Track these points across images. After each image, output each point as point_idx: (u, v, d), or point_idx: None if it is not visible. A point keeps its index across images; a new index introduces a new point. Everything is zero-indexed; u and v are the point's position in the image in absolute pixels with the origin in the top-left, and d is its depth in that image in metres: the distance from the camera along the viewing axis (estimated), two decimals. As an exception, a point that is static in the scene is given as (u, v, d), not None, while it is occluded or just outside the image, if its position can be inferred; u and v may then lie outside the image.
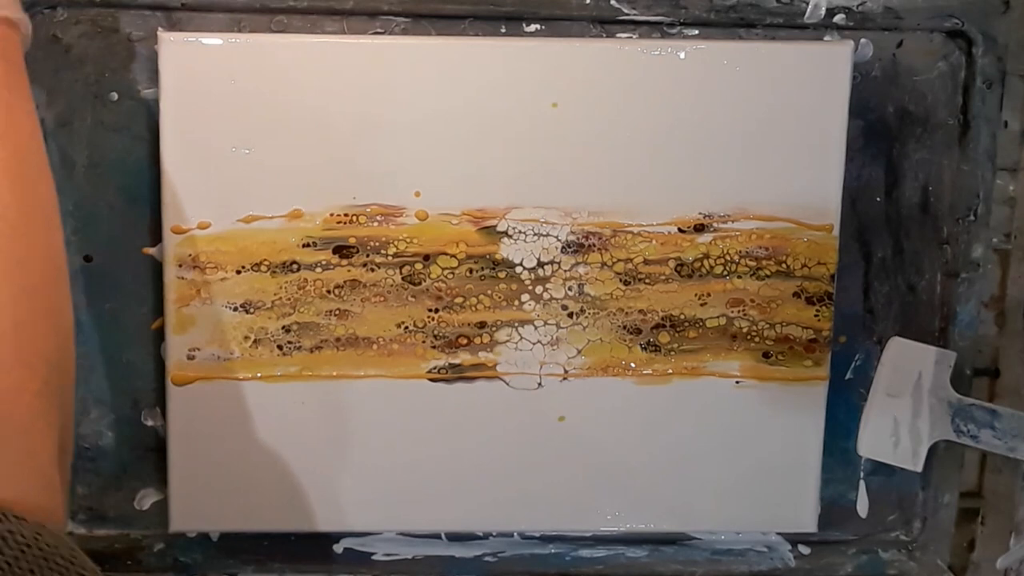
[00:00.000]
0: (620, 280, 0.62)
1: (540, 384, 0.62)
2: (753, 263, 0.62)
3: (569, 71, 0.60)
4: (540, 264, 0.61)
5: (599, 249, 0.61)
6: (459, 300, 0.61)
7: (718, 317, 0.62)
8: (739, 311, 0.62)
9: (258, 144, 0.59)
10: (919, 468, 0.61)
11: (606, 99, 0.60)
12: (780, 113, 0.60)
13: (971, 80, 0.64)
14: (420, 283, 0.61)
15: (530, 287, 0.61)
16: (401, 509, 0.63)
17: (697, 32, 0.62)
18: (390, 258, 0.61)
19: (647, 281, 0.62)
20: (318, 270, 0.60)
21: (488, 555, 0.67)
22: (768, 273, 0.62)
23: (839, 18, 0.62)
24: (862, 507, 0.67)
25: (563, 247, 0.61)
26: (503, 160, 0.60)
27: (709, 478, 0.64)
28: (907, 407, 0.61)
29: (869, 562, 0.68)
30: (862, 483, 0.67)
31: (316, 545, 0.66)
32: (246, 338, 0.61)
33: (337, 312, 0.61)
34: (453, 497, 0.63)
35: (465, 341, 0.62)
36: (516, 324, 0.62)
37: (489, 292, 0.61)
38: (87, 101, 0.61)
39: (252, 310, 0.61)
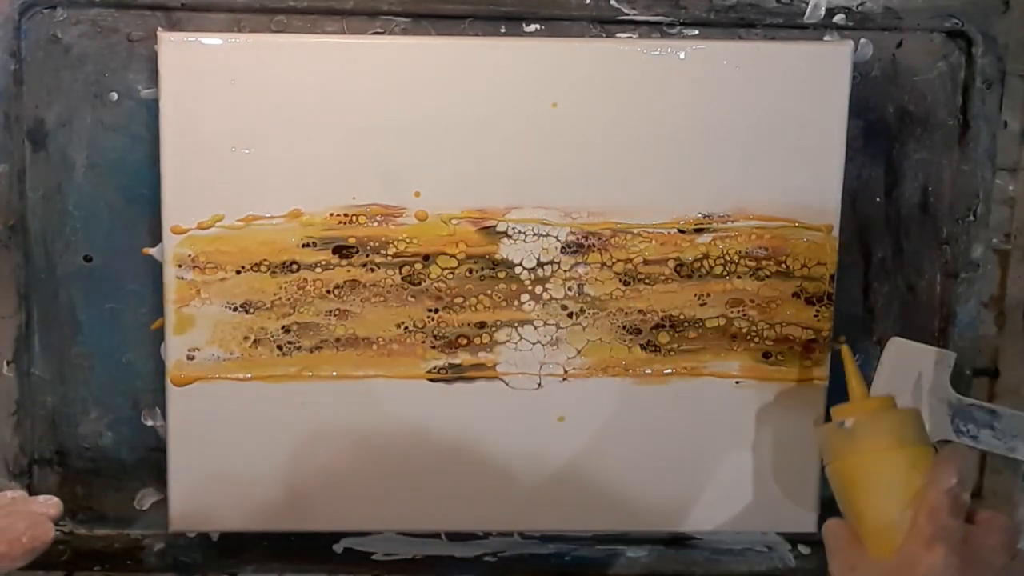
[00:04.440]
0: (620, 280, 0.62)
1: (540, 384, 0.62)
2: (753, 263, 0.62)
3: (569, 71, 0.60)
4: (540, 264, 0.61)
5: (599, 249, 0.61)
6: (459, 300, 0.61)
7: (718, 317, 0.62)
8: (739, 311, 0.62)
9: (258, 144, 0.59)
10: (919, 468, 0.61)
11: (606, 99, 0.60)
12: (780, 113, 0.60)
13: (971, 80, 0.64)
14: (420, 283, 0.61)
15: (530, 287, 0.61)
16: (401, 509, 0.63)
17: (697, 32, 0.62)
18: (390, 258, 0.61)
19: (647, 281, 0.62)
20: (318, 270, 0.60)
21: (488, 555, 0.67)
22: (768, 273, 0.62)
23: (839, 18, 0.62)
24: (862, 507, 0.67)
25: (563, 247, 0.61)
26: (503, 160, 0.60)
27: (709, 478, 0.64)
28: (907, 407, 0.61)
29: (869, 562, 0.68)
30: (862, 483, 0.67)
31: (316, 545, 0.66)
32: (246, 338, 0.61)
33: (337, 312, 0.61)
34: (453, 497, 0.63)
35: (465, 341, 0.62)
36: (516, 324, 0.62)
37: (489, 292, 0.61)
38: (87, 101, 0.61)
39: (252, 310, 0.61)
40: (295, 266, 0.60)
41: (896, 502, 0.53)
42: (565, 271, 0.61)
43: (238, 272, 0.60)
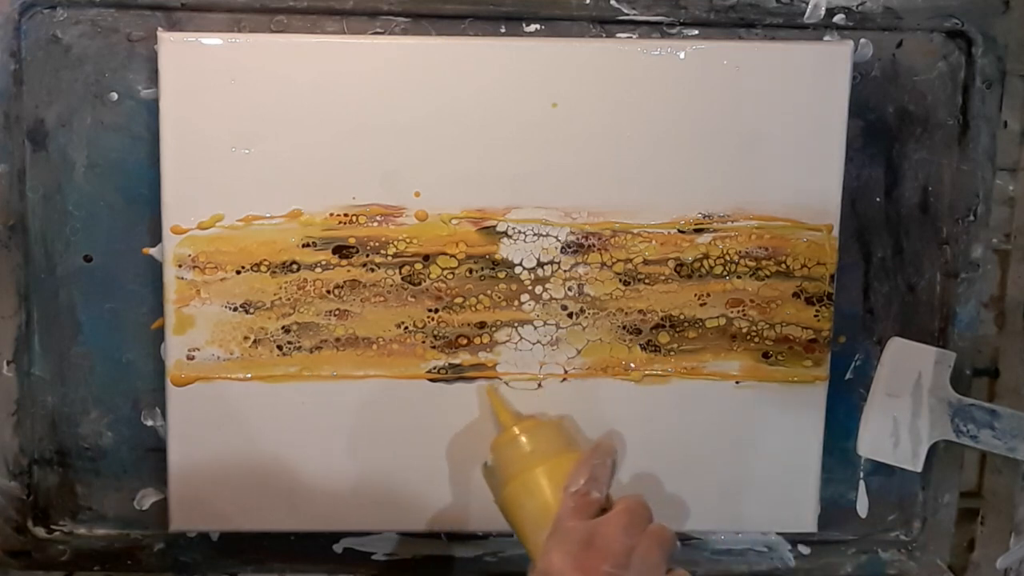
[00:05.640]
0: (620, 280, 0.62)
1: (540, 384, 0.62)
2: (753, 263, 0.62)
3: (569, 71, 0.60)
4: (540, 264, 0.61)
5: (599, 249, 0.61)
6: (459, 300, 0.61)
7: (718, 317, 0.62)
8: (739, 311, 0.62)
9: (258, 144, 0.59)
10: (919, 468, 0.61)
11: (606, 99, 0.60)
12: (780, 113, 0.60)
13: (971, 80, 0.64)
14: (420, 283, 0.61)
15: (530, 287, 0.61)
16: (401, 509, 0.63)
17: (697, 32, 0.62)
18: (390, 258, 0.61)
19: (647, 281, 0.62)
20: (318, 270, 0.60)
21: (488, 555, 0.67)
22: (768, 273, 0.62)
23: (839, 18, 0.62)
24: (862, 507, 0.67)
25: (563, 247, 0.61)
26: (503, 160, 0.60)
27: (709, 478, 0.64)
28: (907, 407, 0.61)
29: (869, 562, 0.68)
30: (862, 483, 0.67)
31: (316, 545, 0.66)
32: (246, 338, 0.61)
33: (337, 312, 0.61)
34: (453, 497, 0.63)
35: (465, 341, 0.62)
36: (516, 324, 0.62)
37: (489, 292, 0.61)
38: (87, 101, 0.61)
39: (252, 310, 0.61)
40: (295, 266, 0.60)
41: (542, 522, 0.53)
42: (565, 271, 0.61)
43: (238, 272, 0.60)
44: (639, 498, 0.53)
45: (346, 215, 0.60)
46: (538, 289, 0.61)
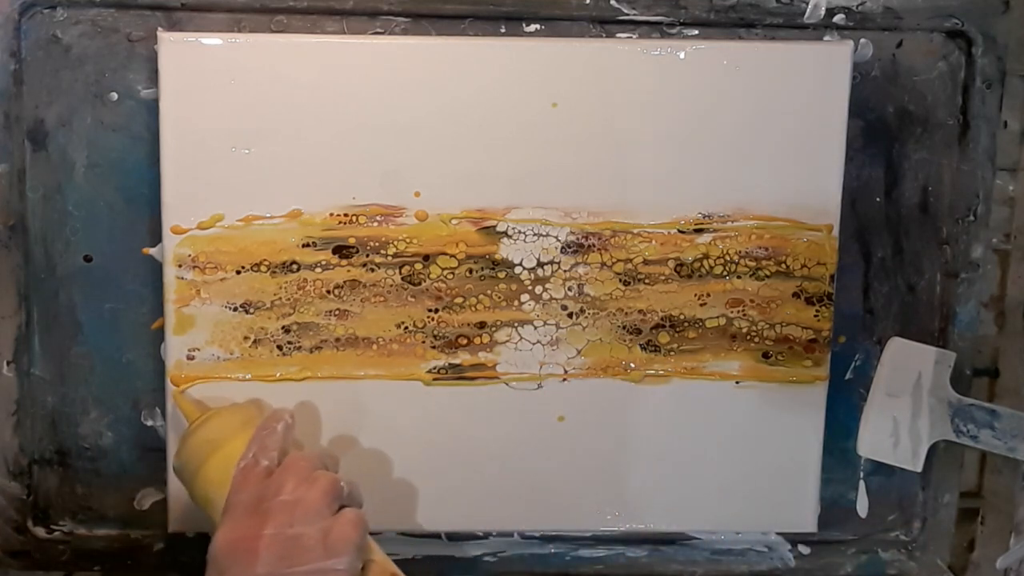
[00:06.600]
0: (620, 280, 0.62)
1: (540, 384, 0.62)
2: (753, 263, 0.62)
3: (569, 71, 0.60)
4: (540, 264, 0.61)
5: (599, 249, 0.61)
6: (459, 300, 0.61)
7: (718, 317, 0.62)
8: (739, 311, 0.62)
9: (258, 144, 0.59)
10: (919, 468, 0.61)
11: (606, 99, 0.60)
12: (780, 113, 0.60)
13: (971, 80, 0.64)
14: (420, 283, 0.61)
15: (530, 287, 0.61)
16: (401, 509, 0.63)
17: (697, 32, 0.62)
18: (390, 258, 0.61)
19: (647, 281, 0.62)
20: (318, 270, 0.60)
21: (488, 555, 0.67)
22: (768, 273, 0.62)
23: (839, 18, 0.62)
24: (862, 507, 0.67)
25: (563, 247, 0.61)
26: (503, 160, 0.60)
27: (709, 478, 0.64)
28: (907, 407, 0.61)
29: (869, 562, 0.68)
30: (862, 483, 0.67)
31: (316, 545, 0.66)
32: (246, 338, 0.61)
33: (337, 312, 0.61)
34: (453, 497, 0.63)
35: (465, 341, 0.62)
36: (516, 324, 0.62)
37: (489, 292, 0.61)
38: (87, 101, 0.61)
39: (252, 310, 0.61)
40: (295, 266, 0.60)
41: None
42: (565, 271, 0.61)
43: (238, 272, 0.60)
44: (305, 452, 0.53)
45: (346, 215, 0.60)
46: (538, 289, 0.61)
